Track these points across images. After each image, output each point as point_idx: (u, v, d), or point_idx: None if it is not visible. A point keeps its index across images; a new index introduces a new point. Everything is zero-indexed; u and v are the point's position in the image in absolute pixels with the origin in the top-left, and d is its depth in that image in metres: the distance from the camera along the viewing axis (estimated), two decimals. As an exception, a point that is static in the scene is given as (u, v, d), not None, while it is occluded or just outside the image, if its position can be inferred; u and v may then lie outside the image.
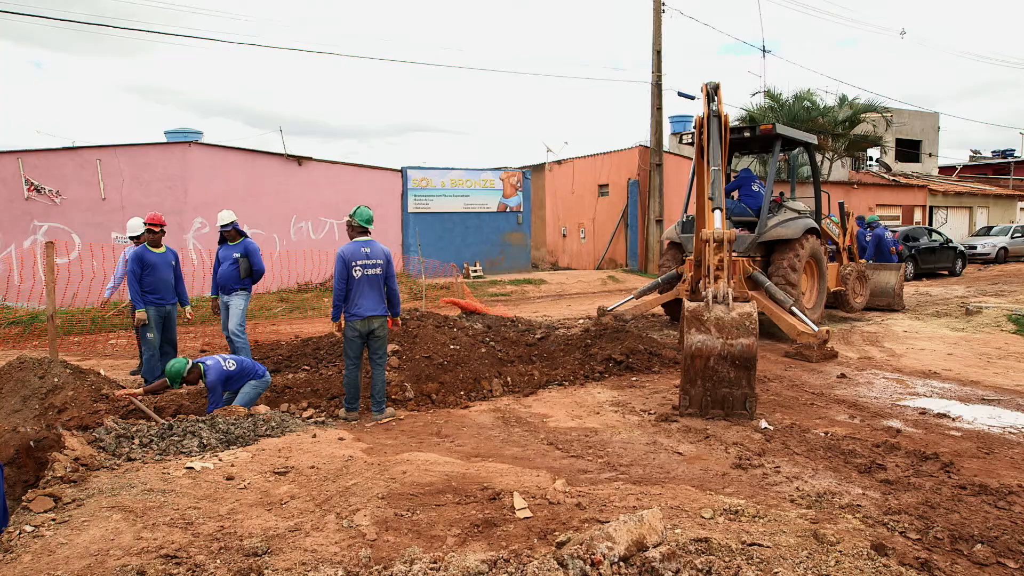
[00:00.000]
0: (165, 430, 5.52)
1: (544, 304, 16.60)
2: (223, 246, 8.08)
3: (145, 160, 17.14)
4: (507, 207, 22.71)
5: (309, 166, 19.16)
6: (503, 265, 22.30)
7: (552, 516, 3.89)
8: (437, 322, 8.76)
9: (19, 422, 5.80)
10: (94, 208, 15.83)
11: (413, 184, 20.95)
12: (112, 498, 4.11)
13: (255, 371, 6.48)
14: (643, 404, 6.98)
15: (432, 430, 6.16)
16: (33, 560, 3.36)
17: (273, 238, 17.95)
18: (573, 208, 28.60)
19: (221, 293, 8.04)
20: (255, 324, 12.01)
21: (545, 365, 8.20)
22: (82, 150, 16.80)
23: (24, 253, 15.56)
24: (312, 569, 3.24)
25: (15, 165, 16.08)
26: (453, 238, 21.40)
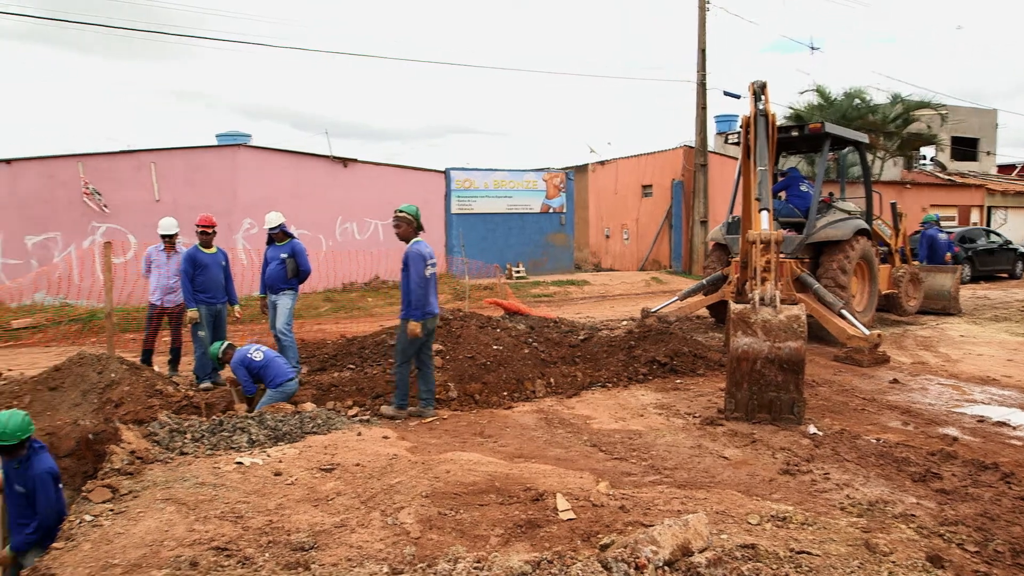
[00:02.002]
0: (216, 426, 5.66)
1: (587, 305, 16.53)
2: (271, 247, 8.24)
3: (197, 162, 17.61)
4: (550, 208, 22.67)
5: (354, 168, 19.42)
6: (546, 266, 22.27)
7: (595, 518, 3.87)
8: (480, 322, 8.80)
9: (79, 415, 6.01)
10: (149, 209, 16.30)
11: (456, 185, 21.07)
12: (166, 490, 4.23)
13: (277, 375, 6.65)
14: (688, 407, 6.90)
15: (475, 430, 6.18)
16: (93, 548, 3.47)
17: (319, 239, 18.23)
18: (616, 209, 28.42)
19: (269, 292, 8.20)
20: (301, 323, 12.23)
21: (588, 366, 8.16)
22: (138, 153, 17.34)
23: (83, 253, 16.13)
24: (357, 565, 3.29)
25: (75, 168, 16.68)
26: (496, 239, 21.45)
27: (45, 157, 17.01)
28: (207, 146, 18.53)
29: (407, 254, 6.45)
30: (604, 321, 12.35)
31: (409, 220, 6.52)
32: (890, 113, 27.43)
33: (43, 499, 4.30)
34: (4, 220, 16.56)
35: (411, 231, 6.53)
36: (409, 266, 6.41)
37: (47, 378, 7.15)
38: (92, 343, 10.97)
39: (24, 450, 4.29)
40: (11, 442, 4.19)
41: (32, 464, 4.31)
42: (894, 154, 28.96)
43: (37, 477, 4.30)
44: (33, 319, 13.71)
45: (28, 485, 4.31)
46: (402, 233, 6.54)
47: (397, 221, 6.54)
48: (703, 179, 22.98)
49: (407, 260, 6.43)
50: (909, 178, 30.28)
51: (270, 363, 6.70)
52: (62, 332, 12.61)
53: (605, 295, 19.05)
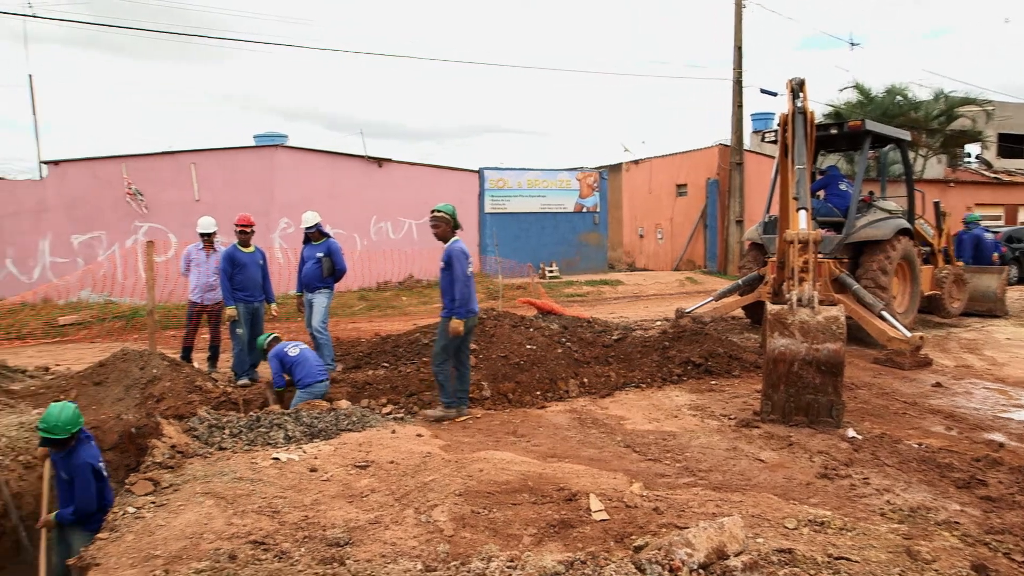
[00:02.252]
0: (253, 422, 5.76)
1: (621, 305, 16.44)
2: (307, 245, 8.34)
3: (235, 163, 17.93)
4: (583, 207, 22.60)
5: (389, 167, 19.59)
6: (579, 266, 22.21)
7: (629, 519, 3.85)
8: (514, 322, 8.81)
9: (122, 410, 6.16)
10: (189, 209, 16.63)
11: (490, 185, 21.12)
12: (205, 484, 4.32)
13: (307, 375, 6.73)
14: (723, 408, 6.82)
15: (508, 429, 6.19)
16: (135, 539, 3.56)
17: (354, 238, 18.43)
18: (650, 208, 28.21)
19: (305, 291, 8.31)
20: (336, 321, 12.36)
21: (622, 367, 8.11)
22: (178, 154, 17.71)
23: (127, 252, 16.54)
24: (391, 561, 3.31)
25: (119, 169, 17.10)
26: (529, 238, 21.46)
27: (90, 158, 17.47)
28: (245, 147, 18.86)
29: (450, 252, 6.39)
30: (638, 321, 12.28)
31: (447, 219, 6.46)
32: (933, 110, 26.77)
33: (81, 489, 4.41)
34: (52, 220, 17.06)
35: (449, 230, 6.48)
36: (453, 264, 6.36)
37: (92, 373, 7.35)
38: (135, 340, 11.24)
39: (72, 442, 4.41)
40: (62, 436, 4.31)
41: (76, 454, 4.43)
42: (937, 151, 28.26)
43: (76, 468, 4.42)
44: (79, 316, 14.09)
45: (70, 473, 4.43)
46: (440, 233, 6.48)
47: (435, 221, 6.47)
48: (739, 178, 22.69)
49: (450, 258, 6.38)
50: (953, 176, 29.49)
51: (303, 362, 6.78)
52: (106, 329, 12.94)
53: (639, 295, 18.92)
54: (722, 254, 23.85)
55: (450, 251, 6.40)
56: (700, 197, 25.04)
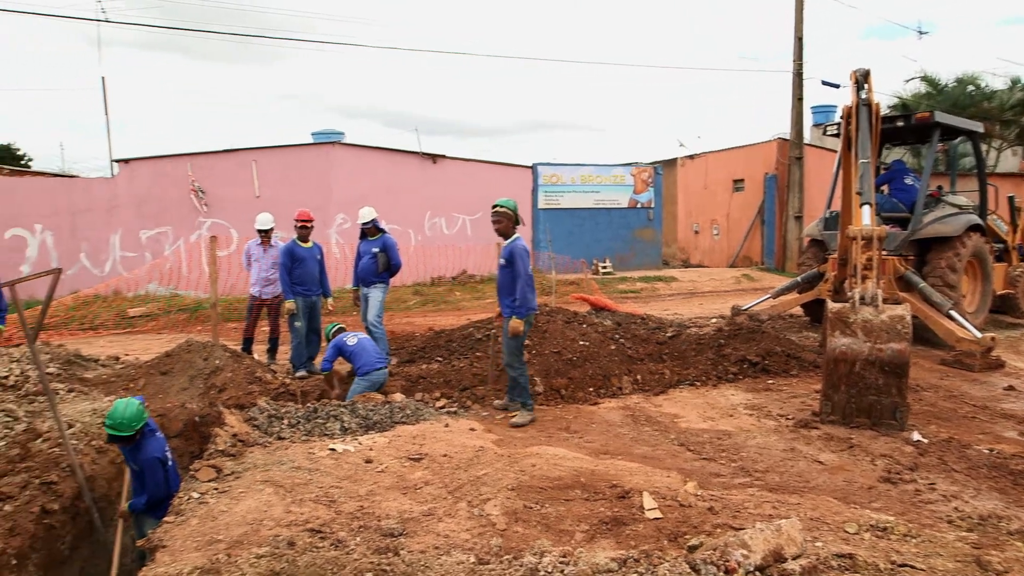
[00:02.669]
0: (310, 413, 5.89)
1: (675, 302, 16.23)
2: (363, 241, 8.48)
3: (293, 160, 18.33)
4: (638, 203, 22.37)
5: (443, 164, 19.74)
6: (633, 262, 22.00)
7: (683, 519, 3.80)
8: (567, 318, 8.78)
9: (187, 399, 6.38)
10: (249, 205, 17.08)
11: (543, 180, 21.09)
12: (265, 473, 4.44)
13: (365, 363, 6.82)
14: (780, 408, 6.67)
15: (561, 425, 6.18)
16: (199, 524, 3.68)
17: (408, 233, 18.63)
18: (706, 204, 27.74)
19: (361, 285, 8.44)
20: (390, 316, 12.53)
21: (676, 364, 8.01)
22: (240, 152, 18.21)
23: (191, 247, 17.10)
24: (444, 553, 3.35)
25: (184, 167, 17.69)
26: (583, 234, 21.35)
27: (158, 157, 18.12)
28: (303, 144, 19.27)
29: (513, 249, 6.23)
30: (692, 318, 12.10)
31: (509, 215, 6.33)
32: (1008, 100, 25.57)
33: (150, 480, 4.58)
34: (122, 216, 17.76)
35: (511, 226, 6.35)
36: (515, 262, 6.19)
37: (159, 363, 7.63)
38: (198, 331, 11.62)
39: (137, 437, 4.57)
40: (126, 433, 4.47)
41: (142, 448, 4.59)
42: (1012, 144, 26.98)
43: (144, 461, 4.58)
44: (147, 308, 14.64)
45: (139, 465, 4.61)
46: (502, 228, 6.35)
47: (497, 217, 6.33)
48: (798, 172, 22.11)
49: (513, 255, 6.21)
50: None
51: (362, 351, 6.89)
52: (172, 320, 13.42)
53: (693, 292, 18.64)
54: (780, 251, 23.30)
55: (512, 248, 6.24)
56: (757, 192, 24.50)
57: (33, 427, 5.58)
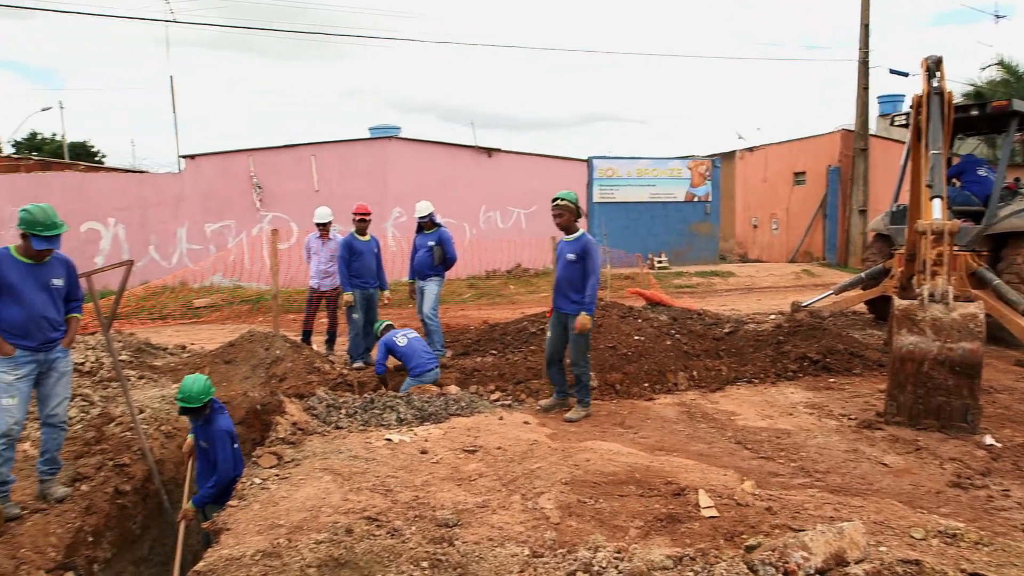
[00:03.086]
0: (367, 403, 6.00)
1: (732, 297, 15.93)
2: (419, 234, 8.56)
3: (351, 154, 18.65)
4: (694, 197, 22.02)
5: (498, 157, 19.80)
6: (689, 256, 21.69)
7: (740, 518, 3.73)
8: (622, 312, 8.72)
9: (249, 387, 6.57)
10: (308, 199, 17.47)
11: (599, 174, 20.95)
12: (323, 461, 4.54)
13: (417, 365, 6.90)
14: (842, 408, 6.48)
15: (615, 420, 6.14)
16: (261, 509, 3.80)
17: (463, 227, 18.76)
18: (765, 197, 27.10)
19: (417, 278, 8.54)
20: (445, 309, 12.66)
21: (733, 361, 7.87)
22: (299, 147, 18.61)
23: (253, 240, 17.58)
24: (499, 545, 3.37)
25: (247, 162, 18.18)
26: (638, 228, 21.14)
27: (221, 152, 18.68)
28: (361, 139, 19.58)
29: (587, 244, 6.01)
30: (750, 314, 11.85)
31: (571, 208, 6.06)
32: (1092, 87, 24.18)
33: (220, 454, 4.75)
34: (188, 210, 18.38)
35: (572, 219, 6.09)
36: (588, 256, 5.99)
37: (223, 353, 7.88)
38: (260, 322, 11.95)
39: (206, 411, 4.75)
40: (195, 405, 4.66)
41: (214, 422, 4.79)
42: (1096, 134, 25.52)
43: (216, 433, 4.76)
44: (211, 299, 15.13)
45: (210, 440, 4.77)
46: (563, 222, 6.10)
47: (558, 210, 6.07)
48: (863, 165, 21.40)
49: (586, 250, 5.99)
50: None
51: (413, 352, 6.97)
52: (235, 311, 13.84)
53: (751, 287, 18.26)
54: (842, 246, 22.62)
55: (586, 243, 6.03)
56: (820, 185, 23.82)
57: (107, 411, 5.84)
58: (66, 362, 4.55)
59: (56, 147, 37.72)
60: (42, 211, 4.25)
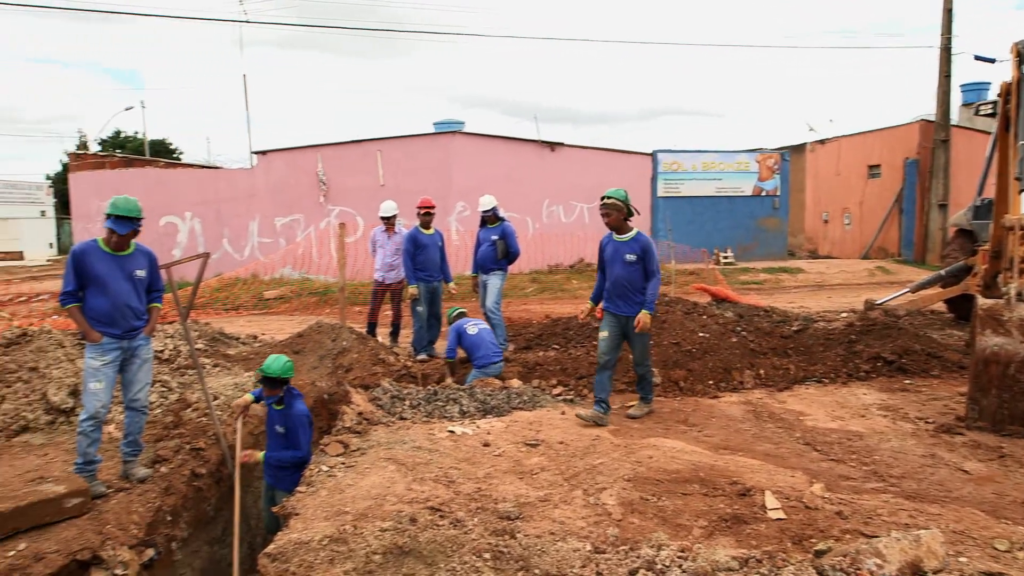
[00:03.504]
0: (431, 395, 6.08)
1: (801, 295, 15.49)
2: (483, 228, 8.60)
3: (416, 149, 18.89)
4: (762, 191, 21.48)
5: (561, 151, 19.73)
6: (756, 252, 21.18)
7: (808, 521, 3.63)
8: (686, 308, 8.58)
9: (316, 377, 6.75)
10: (374, 193, 17.79)
11: (663, 168, 20.66)
12: (388, 451, 4.63)
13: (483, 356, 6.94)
14: (918, 411, 6.22)
15: (679, 417, 6.06)
16: (328, 495, 3.90)
17: (526, 221, 18.78)
18: (837, 191, 26.22)
19: (480, 272, 8.59)
20: (508, 303, 12.69)
21: (802, 359, 7.65)
22: (365, 142, 18.97)
23: (321, 233, 18.03)
24: (560, 540, 3.37)
25: (315, 157, 18.63)
26: (703, 223, 20.76)
27: (291, 148, 19.21)
28: (425, 134, 19.81)
29: (645, 244, 5.77)
30: (820, 312, 11.49)
31: (619, 207, 5.74)
32: None
33: (303, 436, 4.92)
34: (259, 204, 18.98)
35: (621, 218, 5.77)
36: (649, 256, 5.73)
37: (292, 343, 8.11)
38: (327, 314, 12.24)
39: (283, 389, 4.90)
40: (274, 375, 4.81)
41: (293, 407, 4.95)
42: None
43: (296, 417, 4.92)
44: (281, 291, 15.60)
45: (288, 424, 4.92)
46: (612, 221, 5.79)
47: (606, 209, 5.78)
48: (943, 156, 20.44)
49: (646, 250, 5.74)
50: None
51: (481, 343, 7.03)
52: (303, 303, 14.23)
53: (821, 284, 17.72)
54: (920, 241, 21.69)
55: (645, 242, 5.78)
56: (896, 178, 22.88)
57: (184, 397, 6.10)
58: (147, 349, 4.76)
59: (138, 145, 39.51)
60: (125, 200, 4.50)
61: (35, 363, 6.31)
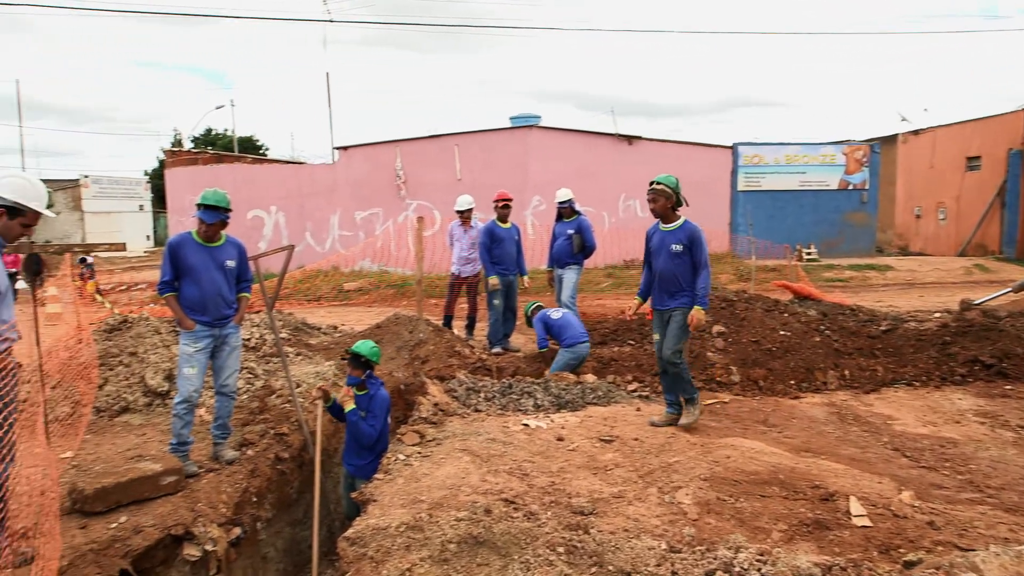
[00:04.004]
0: (505, 388, 6.12)
1: (890, 293, 14.81)
2: (559, 222, 8.58)
3: (492, 144, 19.00)
4: (849, 184, 20.62)
5: (639, 145, 19.46)
6: (841, 248, 20.36)
7: (896, 530, 3.48)
8: (767, 306, 8.34)
9: (394, 368, 6.89)
10: (451, 187, 17.99)
11: (744, 161, 20.10)
12: (463, 442, 4.69)
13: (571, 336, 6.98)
14: (1020, 418, 5.86)
15: (758, 417, 5.90)
16: (405, 483, 3.98)
17: (602, 215, 18.61)
18: (931, 185, 24.90)
19: (555, 266, 8.57)
20: (583, 297, 12.59)
21: (890, 361, 7.31)
22: (443, 137, 19.20)
23: (399, 227, 18.38)
24: (634, 537, 3.34)
25: (394, 153, 19.00)
26: (785, 217, 20.10)
27: (371, 143, 19.64)
28: (502, 128, 19.89)
29: (694, 233, 5.26)
30: (911, 311, 10.94)
31: (667, 193, 5.18)
32: None
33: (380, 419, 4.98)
34: (340, 198, 19.51)
35: (668, 207, 5.23)
36: (697, 247, 5.23)
37: (370, 334, 8.30)
38: (404, 306, 12.48)
39: (367, 372, 5.00)
40: (365, 355, 4.96)
41: (378, 393, 5.05)
42: None
43: (378, 401, 5.01)
44: (360, 283, 16.01)
45: (370, 407, 5.01)
46: (659, 208, 5.25)
47: (653, 194, 5.24)
48: (1053, 148, 19.11)
49: (697, 240, 5.23)
50: None
51: (568, 324, 7.11)
52: (381, 295, 14.56)
53: (912, 282, 16.89)
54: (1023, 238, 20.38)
55: (693, 231, 5.25)
56: (998, 171, 21.55)
57: (268, 384, 6.34)
58: (236, 337, 4.97)
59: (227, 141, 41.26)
60: (214, 191, 4.73)
61: (134, 348, 6.70)
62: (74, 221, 39.20)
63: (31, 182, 3.54)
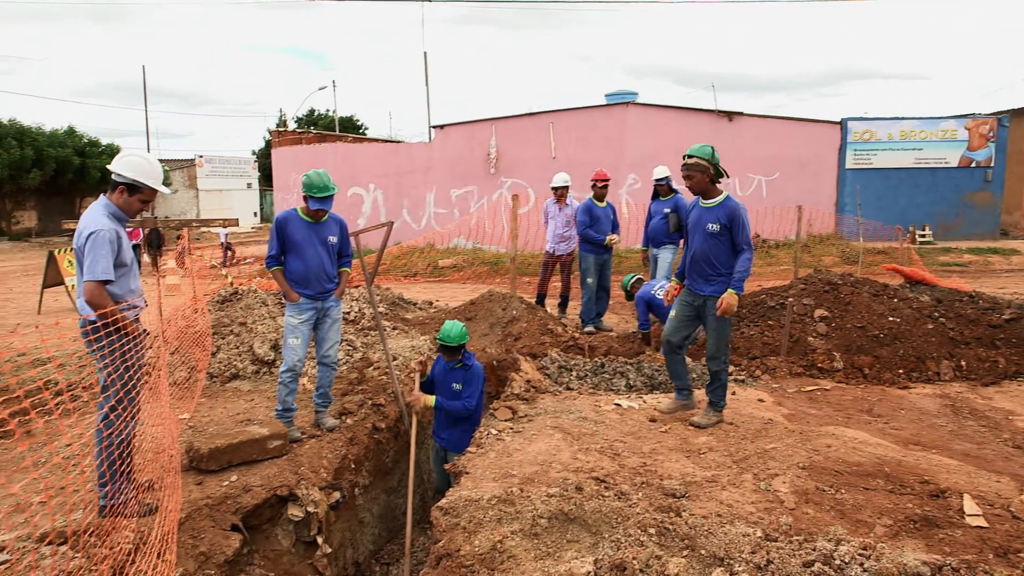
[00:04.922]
0: (598, 367, 6.10)
1: (1015, 279, 13.74)
2: (655, 201, 8.40)
3: (587, 121, 18.79)
4: (972, 161, 19.19)
5: (739, 121, 18.79)
6: (960, 230, 19.05)
7: (1017, 533, 3.26)
8: (874, 290, 7.91)
9: (487, 344, 6.99)
10: (546, 165, 17.97)
11: (853, 137, 19.05)
12: (554, 419, 4.71)
13: None
14: None
15: (862, 407, 5.63)
16: (497, 458, 4.05)
17: (699, 194, 18.13)
18: (1068, 162, 22.82)
19: (651, 246, 8.41)
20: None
21: (1013, 352, 6.81)
22: (538, 115, 19.14)
23: (493, 205, 18.54)
24: (728, 523, 3.27)
25: (489, 131, 19.10)
26: (897, 197, 18.98)
27: (467, 122, 19.82)
28: (597, 105, 19.62)
29: (735, 211, 4.76)
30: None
31: (704, 166, 4.70)
32: None
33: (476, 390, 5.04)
34: (436, 176, 19.83)
35: (706, 181, 4.76)
36: (738, 226, 4.75)
37: (464, 310, 8.46)
38: (497, 283, 12.62)
39: (461, 354, 5.07)
40: (452, 343, 4.99)
41: (473, 366, 5.09)
42: None
43: (472, 375, 5.05)
44: (454, 260, 16.28)
45: (466, 379, 5.07)
46: (695, 185, 4.78)
47: (688, 170, 4.75)
48: None
49: (733, 219, 4.73)
50: None
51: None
52: (475, 272, 14.76)
53: (1041, 268, 15.62)
54: None
55: (733, 208, 4.75)
56: None
57: (367, 357, 6.57)
58: (338, 310, 5.16)
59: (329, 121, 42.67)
60: (318, 176, 4.85)
61: (244, 319, 7.08)
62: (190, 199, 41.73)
63: (148, 161, 3.75)
